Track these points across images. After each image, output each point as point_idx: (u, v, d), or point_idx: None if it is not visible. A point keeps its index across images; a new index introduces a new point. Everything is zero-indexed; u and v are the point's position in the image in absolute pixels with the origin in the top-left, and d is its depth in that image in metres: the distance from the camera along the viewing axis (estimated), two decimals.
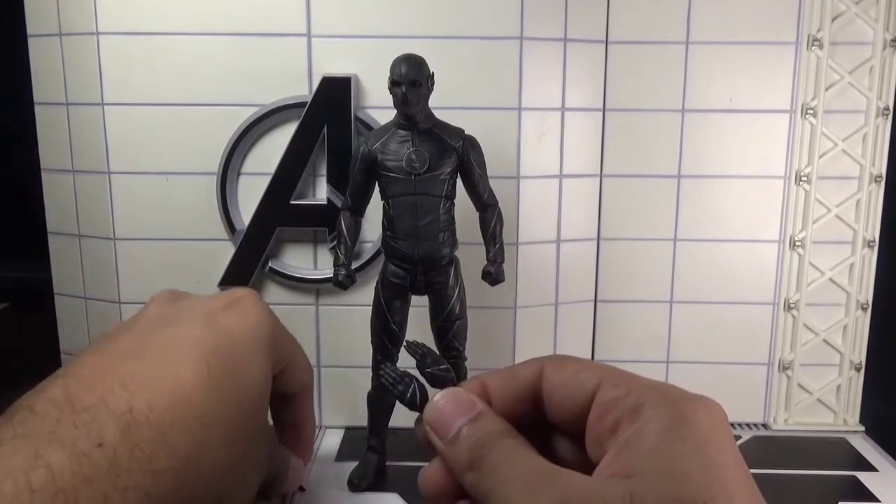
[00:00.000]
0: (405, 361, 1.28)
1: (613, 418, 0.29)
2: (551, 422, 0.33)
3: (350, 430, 1.47)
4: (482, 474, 0.30)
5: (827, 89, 1.41)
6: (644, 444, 0.27)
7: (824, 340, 1.50)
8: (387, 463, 1.34)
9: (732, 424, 1.53)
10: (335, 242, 1.28)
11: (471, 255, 1.29)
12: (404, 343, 0.36)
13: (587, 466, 0.31)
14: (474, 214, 1.25)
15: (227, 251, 1.42)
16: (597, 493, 0.26)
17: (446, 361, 0.34)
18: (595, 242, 1.49)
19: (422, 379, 0.37)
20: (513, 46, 1.36)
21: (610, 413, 0.30)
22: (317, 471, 1.37)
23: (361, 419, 1.33)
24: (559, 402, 0.33)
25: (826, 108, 1.42)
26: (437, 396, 0.34)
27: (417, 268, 1.22)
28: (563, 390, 0.32)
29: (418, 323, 1.30)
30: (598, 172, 1.47)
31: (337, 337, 1.46)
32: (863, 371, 1.51)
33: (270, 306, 0.80)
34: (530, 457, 0.30)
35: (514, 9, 1.35)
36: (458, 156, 1.20)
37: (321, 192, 1.41)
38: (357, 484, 1.30)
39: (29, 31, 1.42)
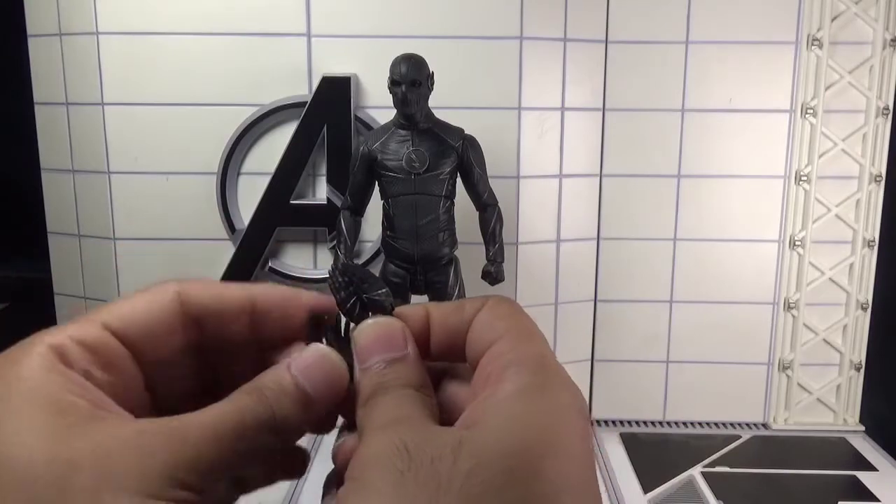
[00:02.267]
0: None
1: (488, 373, 0.28)
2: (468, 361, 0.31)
3: None
4: (366, 412, 0.29)
5: (827, 89, 1.41)
6: (493, 400, 0.27)
7: (824, 340, 1.50)
8: None
9: (732, 424, 1.53)
10: (335, 242, 1.28)
11: (471, 255, 1.29)
12: (334, 268, 0.32)
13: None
14: (474, 214, 1.25)
15: (227, 251, 1.42)
16: (432, 440, 0.25)
17: (386, 285, 0.32)
18: (595, 242, 1.49)
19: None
20: (513, 46, 1.36)
21: (489, 367, 0.29)
22: (317, 471, 1.36)
23: None
24: (469, 345, 0.31)
25: (826, 108, 1.42)
26: (373, 321, 0.31)
27: (417, 267, 1.22)
28: (476, 334, 0.31)
29: None
30: (598, 172, 1.47)
31: None
32: (863, 371, 1.51)
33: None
34: (412, 405, 0.28)
35: (514, 9, 1.35)
36: (457, 155, 1.21)
37: (321, 192, 1.41)
38: None
39: (29, 31, 1.42)
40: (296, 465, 0.33)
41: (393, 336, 0.31)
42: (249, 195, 1.40)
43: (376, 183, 1.21)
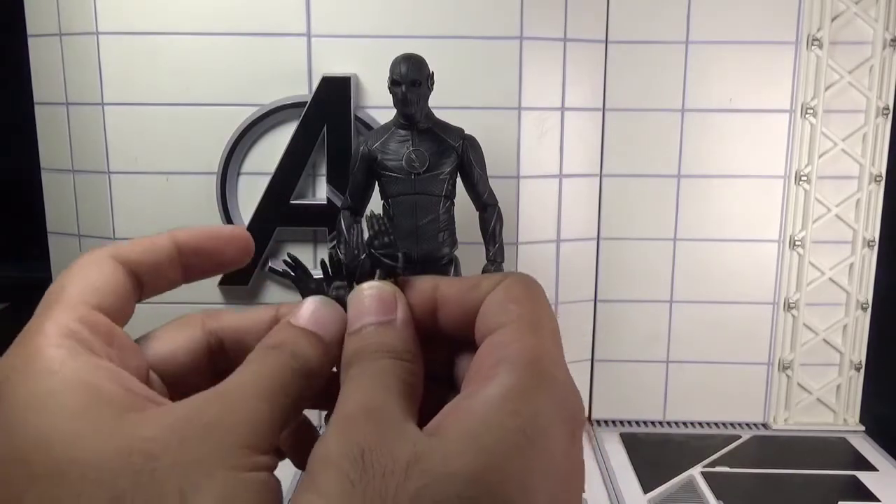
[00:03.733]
0: None
1: (479, 365, 0.27)
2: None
3: None
4: (345, 377, 0.28)
5: (827, 89, 1.41)
6: (468, 403, 0.24)
7: (824, 340, 1.50)
8: None
9: (732, 424, 1.53)
10: (335, 242, 1.28)
11: (471, 255, 1.29)
12: (369, 215, 0.32)
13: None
14: (474, 214, 1.25)
15: None
16: (389, 448, 0.23)
17: (401, 249, 0.31)
18: (595, 242, 1.49)
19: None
20: (513, 46, 1.36)
21: (483, 358, 0.27)
22: None
23: None
24: (478, 326, 0.29)
25: (826, 108, 1.42)
26: (368, 285, 0.31)
27: (417, 267, 1.23)
28: (485, 316, 0.29)
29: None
30: (598, 172, 1.47)
31: None
32: (863, 371, 1.51)
33: (270, 306, 0.77)
34: (384, 388, 0.26)
35: (514, 9, 1.35)
36: (457, 155, 1.21)
37: (321, 192, 1.41)
38: None
39: (29, 31, 1.42)
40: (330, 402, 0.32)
41: (387, 300, 0.30)
42: (249, 195, 1.40)
43: (376, 183, 1.21)
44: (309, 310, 0.31)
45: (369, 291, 0.31)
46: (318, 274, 0.34)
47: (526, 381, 0.25)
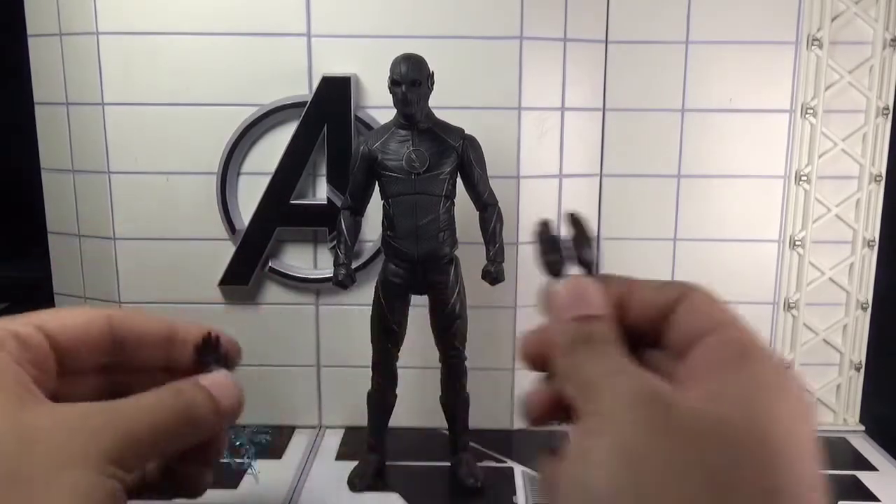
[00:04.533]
0: (405, 361, 1.28)
1: (716, 357, 0.30)
2: (663, 342, 0.33)
3: (350, 430, 1.47)
4: (580, 363, 0.30)
5: (827, 89, 1.41)
6: (737, 387, 0.28)
7: (824, 340, 1.50)
8: (387, 463, 1.34)
9: None
10: (335, 242, 1.28)
11: (471, 255, 1.29)
12: (545, 226, 0.35)
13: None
14: (474, 214, 1.25)
15: (227, 251, 1.42)
16: (686, 402, 0.27)
17: (596, 250, 0.34)
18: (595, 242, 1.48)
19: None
20: (513, 46, 1.36)
21: (716, 352, 0.30)
22: (317, 471, 1.37)
23: (361, 419, 1.33)
24: (676, 326, 0.32)
25: (826, 108, 1.42)
26: (575, 278, 0.35)
27: (417, 267, 1.22)
28: (687, 319, 0.32)
29: (418, 323, 1.30)
30: (598, 172, 1.47)
31: (337, 337, 1.46)
32: (862, 371, 1.51)
33: (270, 306, 0.77)
34: (641, 373, 0.29)
35: (514, 9, 1.35)
36: (457, 155, 1.21)
37: (321, 192, 1.41)
38: (357, 484, 1.30)
39: (29, 31, 1.42)
40: (207, 462, 0.36)
41: (593, 294, 0.34)
42: (249, 195, 1.40)
43: (376, 183, 1.21)
44: (218, 378, 0.35)
45: (577, 283, 0.34)
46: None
47: (776, 378, 0.30)
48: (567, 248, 0.34)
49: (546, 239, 0.35)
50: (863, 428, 1.50)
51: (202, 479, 0.36)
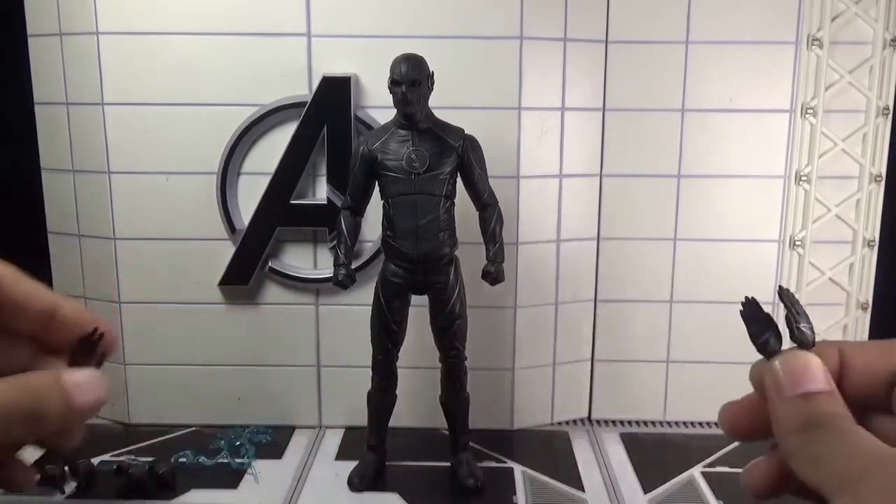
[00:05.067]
0: (405, 361, 1.28)
1: None
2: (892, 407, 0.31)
3: (350, 430, 1.47)
4: (813, 441, 0.30)
5: (827, 89, 1.41)
6: None
7: (825, 340, 1.49)
8: (387, 463, 1.34)
9: None
10: (335, 242, 1.28)
11: (471, 255, 1.29)
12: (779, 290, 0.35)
13: None
14: (474, 214, 1.25)
15: (227, 251, 1.42)
16: None
17: (811, 323, 0.33)
18: (595, 242, 1.49)
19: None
20: (513, 46, 1.36)
21: None
22: (317, 471, 1.37)
23: (361, 419, 1.33)
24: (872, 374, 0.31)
25: (826, 108, 1.42)
26: (797, 353, 0.33)
27: (417, 267, 1.22)
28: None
29: (418, 323, 1.30)
30: (598, 172, 1.47)
31: (337, 337, 1.46)
32: None
33: (270, 306, 0.78)
34: (872, 437, 0.29)
35: (514, 9, 1.35)
36: (457, 155, 1.20)
37: (321, 192, 1.41)
38: (357, 483, 1.30)
39: (29, 31, 1.42)
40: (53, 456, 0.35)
41: (817, 369, 0.32)
42: (249, 195, 1.40)
43: (376, 183, 1.21)
44: (82, 376, 0.33)
45: (801, 360, 0.33)
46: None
47: None
48: (777, 324, 0.34)
49: (755, 319, 0.35)
50: None
51: (27, 477, 0.34)
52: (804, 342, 0.33)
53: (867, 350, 0.33)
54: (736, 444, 1.44)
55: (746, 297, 0.34)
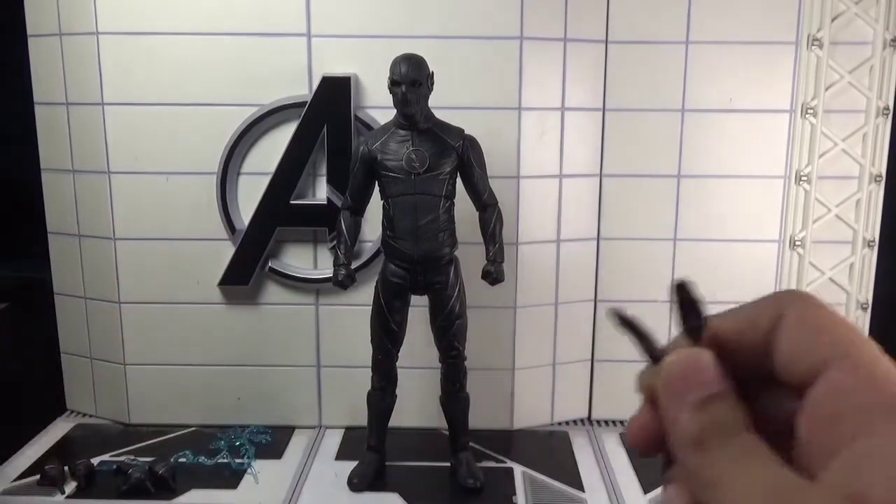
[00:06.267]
0: (405, 361, 1.28)
1: (834, 410, 0.26)
2: (775, 373, 0.29)
3: (350, 430, 1.47)
4: (709, 461, 0.27)
5: (827, 89, 1.41)
6: (879, 463, 0.24)
7: None
8: (387, 463, 1.34)
9: None
10: (335, 242, 1.28)
11: (471, 255, 1.29)
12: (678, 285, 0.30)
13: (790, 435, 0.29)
14: (474, 214, 1.25)
15: (227, 251, 1.42)
16: None
17: (702, 313, 0.30)
18: (595, 242, 1.49)
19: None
20: (513, 46, 1.36)
21: (833, 401, 0.26)
22: (317, 471, 1.37)
23: (361, 419, 1.33)
24: (788, 360, 0.28)
25: (826, 108, 1.42)
26: (677, 356, 0.29)
27: (417, 267, 1.22)
28: (796, 349, 0.28)
29: (418, 323, 1.30)
30: (598, 172, 1.47)
31: (337, 337, 1.46)
32: None
33: (270, 306, 0.78)
34: (769, 464, 0.26)
35: (514, 9, 1.35)
36: (457, 155, 1.20)
37: (321, 192, 1.41)
38: (357, 483, 1.30)
39: (29, 31, 1.42)
40: None
41: (709, 368, 0.29)
42: (249, 195, 1.40)
43: (376, 183, 1.21)
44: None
45: (686, 360, 0.30)
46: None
47: None
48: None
49: (687, 303, 0.31)
50: None
51: None
52: (697, 333, 0.29)
53: (738, 313, 0.30)
54: None
55: (679, 281, 0.31)
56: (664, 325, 1.61)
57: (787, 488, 0.25)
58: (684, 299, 0.30)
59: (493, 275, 1.20)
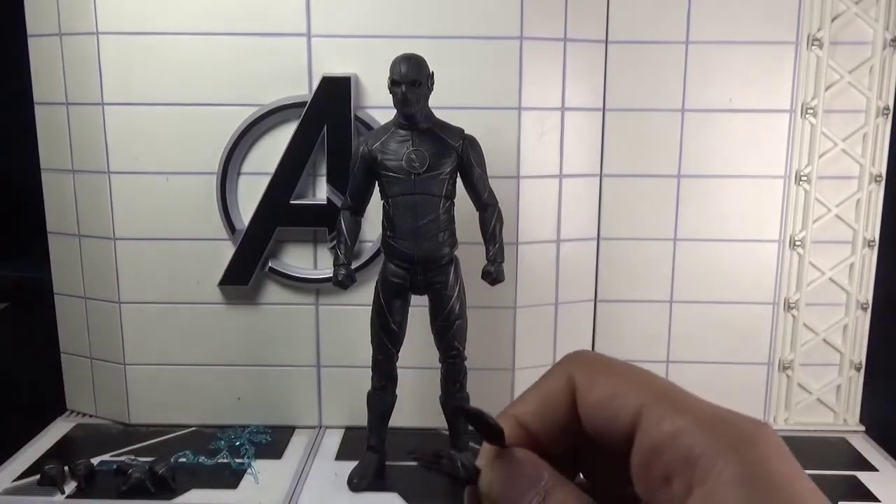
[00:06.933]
0: (405, 361, 1.28)
1: (662, 470, 0.25)
2: (590, 436, 0.28)
3: (350, 430, 1.47)
4: None
5: (827, 89, 1.41)
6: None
7: (824, 340, 1.49)
8: (387, 463, 1.34)
9: None
10: (335, 242, 1.28)
11: (471, 255, 1.29)
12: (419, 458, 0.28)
13: (628, 481, 0.28)
14: (474, 214, 1.25)
15: (227, 251, 1.42)
16: None
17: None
18: (595, 242, 1.49)
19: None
20: (513, 46, 1.36)
21: (656, 462, 0.26)
22: (317, 471, 1.37)
23: (361, 419, 1.33)
24: (597, 430, 0.28)
25: (826, 108, 1.42)
26: (493, 466, 0.28)
27: (417, 267, 1.22)
28: (599, 414, 0.28)
29: (418, 323, 1.30)
30: (598, 172, 1.47)
31: (337, 337, 1.46)
32: (863, 371, 1.51)
33: (270, 306, 0.77)
34: None
35: (514, 9, 1.35)
36: (457, 155, 1.20)
37: (321, 192, 1.41)
38: (357, 483, 1.30)
39: (29, 31, 1.42)
40: None
41: (529, 469, 0.28)
42: (249, 195, 1.40)
43: (376, 183, 1.21)
44: None
45: (507, 463, 0.28)
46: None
47: (739, 461, 0.24)
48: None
49: (478, 422, 0.29)
50: (863, 428, 1.50)
51: None
52: (498, 437, 0.28)
53: (531, 405, 0.29)
54: None
55: (464, 409, 0.29)
56: (664, 326, 1.62)
57: None
58: (474, 425, 0.28)
59: (493, 275, 1.20)
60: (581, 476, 0.30)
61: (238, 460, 1.33)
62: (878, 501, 1.24)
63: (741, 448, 0.24)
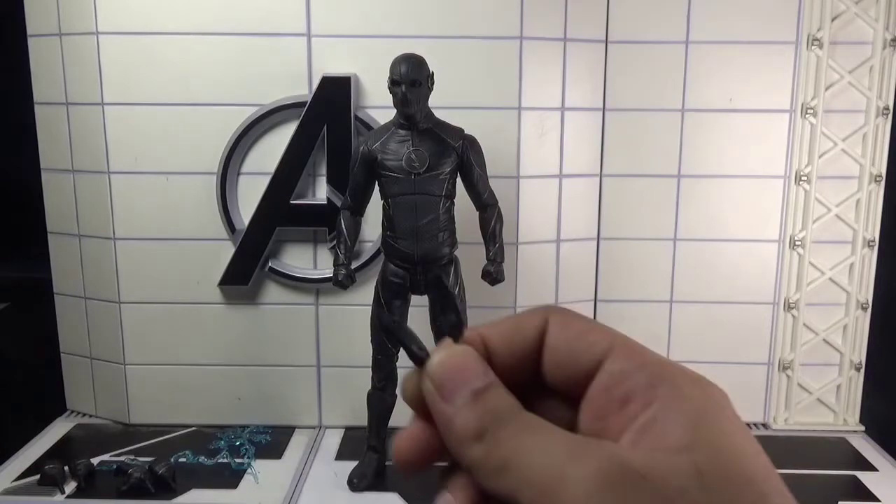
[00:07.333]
0: (405, 361, 1.28)
1: (623, 392, 0.27)
2: (546, 381, 0.30)
3: (350, 430, 1.47)
4: (494, 446, 0.27)
5: (827, 89, 1.41)
6: (686, 420, 0.26)
7: (824, 340, 1.49)
8: (387, 463, 1.34)
9: None
10: (335, 242, 1.28)
11: (471, 255, 1.29)
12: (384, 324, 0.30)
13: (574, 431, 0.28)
14: (474, 214, 1.25)
15: (227, 251, 1.42)
16: (657, 465, 0.24)
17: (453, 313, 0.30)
18: (595, 242, 1.49)
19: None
20: (513, 46, 1.36)
21: (620, 386, 0.27)
22: (317, 471, 1.37)
23: (361, 419, 1.33)
24: (560, 363, 0.29)
25: (826, 108, 1.42)
26: (444, 353, 0.29)
27: (417, 267, 1.22)
28: (568, 350, 0.29)
29: (418, 323, 1.30)
30: (598, 172, 1.47)
31: (337, 337, 1.46)
32: (863, 371, 1.51)
33: (270, 306, 0.77)
34: (555, 430, 0.27)
35: (514, 9, 1.35)
36: (457, 155, 1.21)
37: (321, 192, 1.41)
38: (357, 483, 1.30)
39: (29, 31, 1.42)
40: None
41: (473, 365, 0.29)
42: (249, 195, 1.40)
43: (376, 183, 1.21)
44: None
45: (452, 359, 0.30)
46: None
47: (701, 392, 0.27)
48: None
49: (393, 337, 0.31)
50: (863, 428, 1.50)
51: None
52: (455, 333, 0.30)
53: (503, 325, 0.31)
54: None
55: (381, 321, 0.30)
56: (664, 326, 1.62)
57: (580, 443, 0.26)
58: (390, 340, 0.29)
59: (493, 275, 1.20)
60: None
61: (238, 460, 1.33)
62: (878, 501, 1.24)
63: (706, 387, 0.27)
